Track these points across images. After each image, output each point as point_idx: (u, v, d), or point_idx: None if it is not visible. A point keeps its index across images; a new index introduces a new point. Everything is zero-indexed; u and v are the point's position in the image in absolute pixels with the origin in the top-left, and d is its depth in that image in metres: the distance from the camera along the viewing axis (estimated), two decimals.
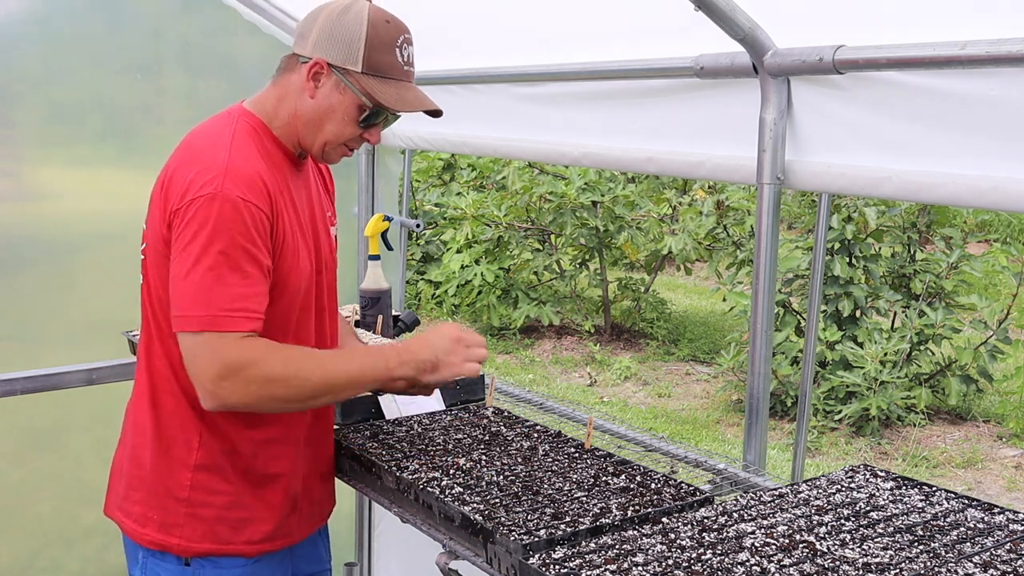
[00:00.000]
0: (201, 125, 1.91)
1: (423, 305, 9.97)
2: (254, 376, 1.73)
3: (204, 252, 1.71)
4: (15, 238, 3.10)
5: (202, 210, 1.73)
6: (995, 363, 6.63)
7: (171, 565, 1.92)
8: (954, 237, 7.14)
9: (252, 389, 1.74)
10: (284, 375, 1.76)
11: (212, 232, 1.72)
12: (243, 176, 1.76)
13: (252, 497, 1.94)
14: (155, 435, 1.92)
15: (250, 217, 1.75)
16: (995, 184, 1.78)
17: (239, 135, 1.84)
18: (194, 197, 1.74)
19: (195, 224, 1.73)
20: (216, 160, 1.77)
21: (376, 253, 2.95)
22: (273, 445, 1.95)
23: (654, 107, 2.44)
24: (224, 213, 1.72)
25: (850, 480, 1.88)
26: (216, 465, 1.91)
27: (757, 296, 2.21)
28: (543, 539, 1.59)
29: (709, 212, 8.01)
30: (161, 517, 1.91)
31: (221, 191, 1.73)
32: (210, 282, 1.71)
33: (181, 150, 1.87)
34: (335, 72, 1.84)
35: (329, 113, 1.86)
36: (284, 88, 1.90)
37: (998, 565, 1.50)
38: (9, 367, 2.76)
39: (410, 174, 3.79)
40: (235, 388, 1.72)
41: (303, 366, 1.80)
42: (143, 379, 1.96)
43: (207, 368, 1.72)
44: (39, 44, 3.05)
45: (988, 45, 1.68)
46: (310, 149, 1.92)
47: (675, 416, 7.22)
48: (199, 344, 1.72)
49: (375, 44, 1.83)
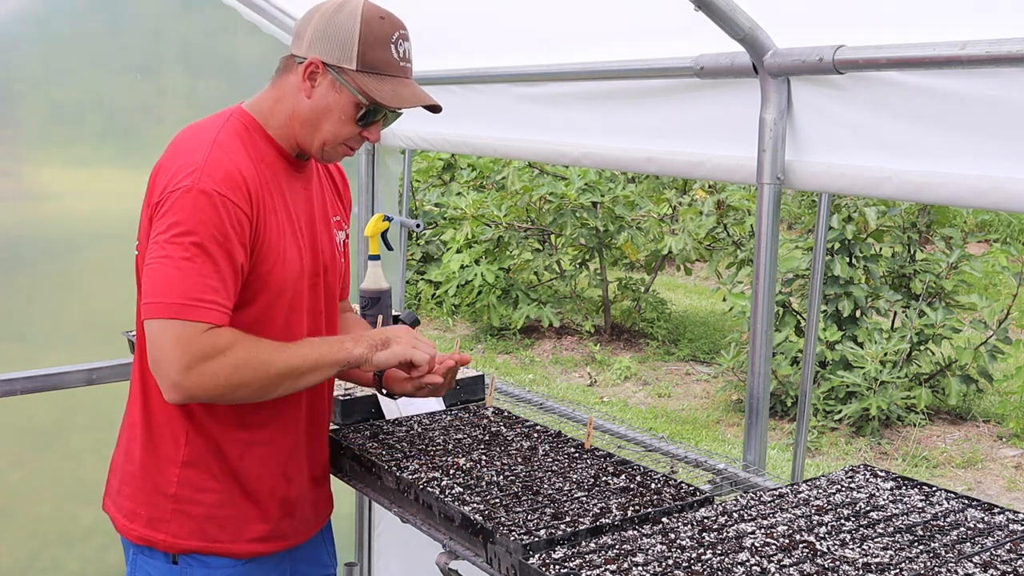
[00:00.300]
0: (193, 124, 1.92)
1: (423, 305, 9.97)
2: (221, 365, 1.72)
3: (177, 242, 1.72)
4: (15, 238, 3.10)
5: (178, 202, 1.73)
6: (995, 363, 6.63)
7: (159, 562, 1.92)
8: (954, 237, 7.14)
9: (220, 379, 1.72)
10: (248, 360, 1.75)
11: (186, 223, 1.72)
12: (221, 171, 1.77)
13: (242, 498, 1.93)
14: (145, 431, 1.93)
15: (225, 212, 1.75)
16: (995, 184, 1.78)
17: (225, 132, 1.85)
18: (172, 189, 1.75)
19: (171, 216, 1.73)
20: (196, 155, 1.78)
21: (376, 253, 2.95)
22: (261, 447, 1.95)
23: (654, 107, 2.44)
24: (200, 205, 1.73)
25: (850, 480, 1.88)
26: (203, 462, 1.90)
27: (757, 296, 2.21)
28: (543, 539, 1.59)
29: (709, 212, 8.01)
30: (149, 512, 1.91)
31: (197, 184, 1.73)
32: (181, 271, 1.71)
33: (169, 147, 1.88)
34: (330, 71, 1.84)
35: (326, 112, 1.86)
36: (281, 89, 1.90)
37: (998, 565, 1.50)
38: (9, 367, 2.76)
39: (410, 174, 3.79)
40: (201, 378, 1.71)
41: (265, 352, 1.79)
42: (136, 376, 1.96)
43: (174, 358, 1.70)
44: (39, 44, 3.05)
45: (988, 45, 1.68)
46: (309, 149, 1.92)
47: (675, 416, 7.22)
48: (166, 332, 1.70)
49: (369, 41, 1.82)
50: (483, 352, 8.86)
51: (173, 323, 1.70)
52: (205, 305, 1.71)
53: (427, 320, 9.71)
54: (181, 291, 1.70)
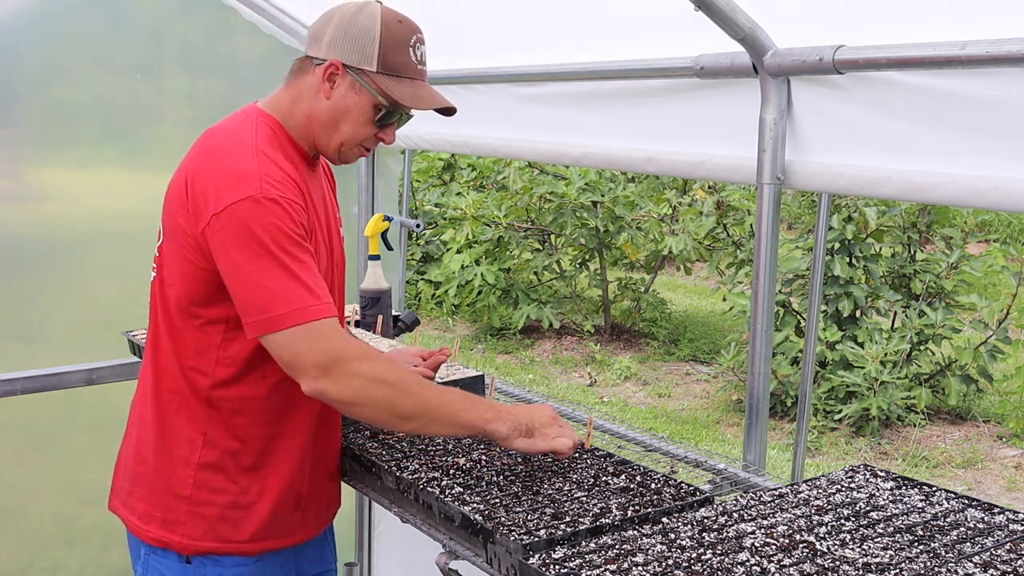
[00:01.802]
0: (219, 125, 1.92)
1: (423, 305, 9.97)
2: (358, 371, 1.74)
3: (265, 253, 1.72)
4: (15, 238, 3.10)
5: (250, 213, 1.72)
6: (995, 363, 6.63)
7: (172, 562, 1.92)
8: (954, 237, 7.14)
9: (355, 384, 1.74)
10: (390, 379, 1.77)
11: (265, 233, 1.72)
12: (277, 176, 1.78)
13: (257, 496, 1.94)
14: (158, 432, 1.93)
15: (295, 214, 1.77)
16: (995, 184, 1.78)
17: (262, 137, 1.85)
18: (235, 201, 1.73)
19: (245, 228, 1.72)
20: (244, 162, 1.78)
21: (376, 253, 2.95)
22: (280, 441, 1.95)
23: (654, 107, 2.44)
24: (272, 212, 1.73)
25: (850, 480, 1.88)
26: (219, 464, 1.91)
27: (757, 296, 2.21)
28: (543, 539, 1.59)
29: (709, 212, 8.02)
30: (163, 514, 1.92)
31: (262, 192, 1.74)
32: (281, 280, 1.72)
33: (202, 152, 1.86)
34: (350, 73, 1.86)
35: (345, 113, 1.88)
36: (298, 90, 1.91)
37: (998, 565, 1.50)
38: (9, 367, 2.76)
39: (410, 174, 3.79)
40: (338, 380, 1.73)
41: (407, 378, 1.81)
42: (148, 375, 1.96)
43: (309, 357, 1.72)
44: (39, 44, 3.05)
45: (988, 45, 1.68)
46: (326, 150, 1.94)
47: (675, 416, 7.22)
48: (295, 339, 1.72)
49: (389, 44, 1.85)
50: (483, 352, 8.86)
51: (299, 329, 1.71)
52: (320, 302, 1.74)
53: (427, 320, 9.72)
54: (291, 299, 1.72)
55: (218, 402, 1.89)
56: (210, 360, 1.87)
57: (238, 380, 1.88)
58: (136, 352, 2.76)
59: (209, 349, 1.87)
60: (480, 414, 1.84)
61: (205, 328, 1.86)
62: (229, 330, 1.85)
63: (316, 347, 1.72)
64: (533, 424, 1.87)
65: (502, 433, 1.84)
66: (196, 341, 1.87)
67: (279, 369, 1.81)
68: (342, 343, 1.75)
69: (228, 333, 1.86)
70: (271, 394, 1.91)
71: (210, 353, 1.87)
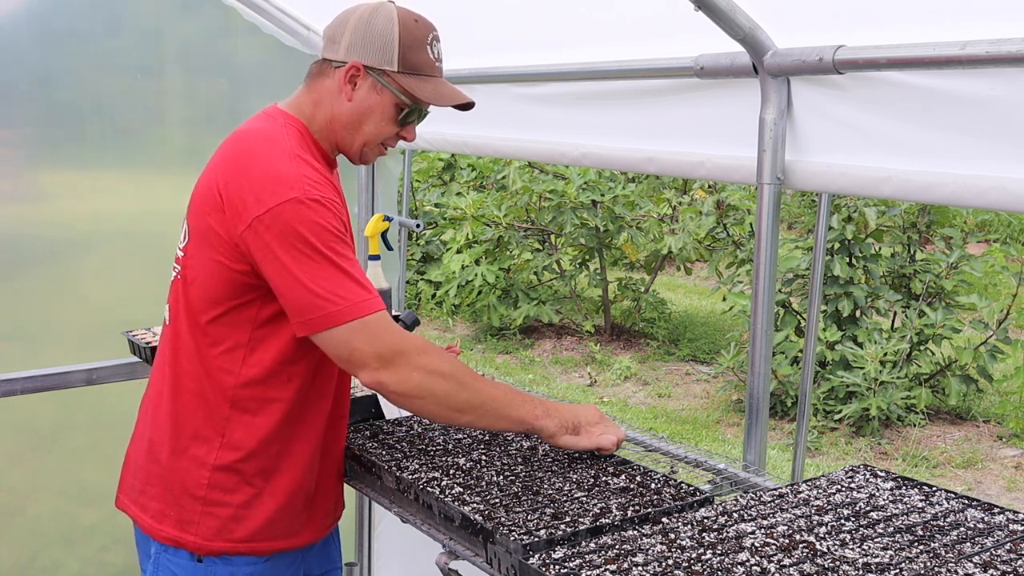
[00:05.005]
0: (246, 128, 1.93)
1: (423, 305, 9.97)
2: (419, 364, 1.78)
3: (314, 252, 1.74)
4: (15, 238, 3.10)
5: (294, 214, 1.74)
6: (995, 363, 6.63)
7: (184, 561, 1.93)
8: (954, 237, 7.14)
9: (415, 377, 1.78)
10: (448, 372, 1.82)
11: (311, 233, 1.74)
12: (314, 178, 1.80)
13: (270, 497, 1.94)
14: (174, 432, 1.93)
15: (336, 213, 1.80)
16: (995, 184, 1.78)
17: (294, 140, 1.87)
18: (278, 203, 1.74)
19: (291, 229, 1.74)
20: (282, 165, 1.79)
21: (376, 253, 2.95)
22: (295, 444, 1.96)
23: (654, 107, 2.44)
24: (318, 211, 1.76)
25: (850, 480, 1.88)
26: (236, 466, 1.91)
27: (757, 296, 2.21)
28: (543, 539, 1.59)
29: (709, 212, 8.01)
30: (177, 514, 1.92)
31: (306, 193, 1.75)
32: (332, 277, 1.74)
33: (234, 155, 1.87)
34: (371, 74, 1.88)
35: (367, 114, 1.91)
36: (318, 93, 1.93)
37: (998, 565, 1.50)
38: (9, 367, 2.76)
39: (410, 174, 3.79)
40: (399, 372, 1.77)
41: (462, 371, 1.85)
42: (166, 374, 1.96)
43: (371, 350, 1.75)
44: (39, 44, 3.05)
45: (988, 45, 1.68)
46: (348, 150, 1.97)
47: (675, 416, 7.22)
48: (352, 334, 1.75)
49: (409, 43, 1.87)
50: (483, 352, 8.86)
51: (355, 324, 1.74)
52: (371, 297, 1.77)
53: (427, 320, 9.72)
54: (344, 294, 1.74)
55: (243, 402, 1.89)
56: (237, 359, 1.88)
57: (264, 381, 1.89)
58: (136, 352, 2.76)
59: (237, 348, 1.88)
60: (530, 410, 1.90)
61: (233, 328, 1.87)
62: (257, 329, 1.87)
63: (377, 340, 1.75)
64: (579, 422, 1.95)
65: (550, 430, 1.91)
66: (223, 340, 1.88)
67: (305, 372, 1.83)
68: (400, 335, 1.78)
69: (256, 332, 1.87)
70: (295, 396, 1.92)
71: (237, 352, 1.88)
